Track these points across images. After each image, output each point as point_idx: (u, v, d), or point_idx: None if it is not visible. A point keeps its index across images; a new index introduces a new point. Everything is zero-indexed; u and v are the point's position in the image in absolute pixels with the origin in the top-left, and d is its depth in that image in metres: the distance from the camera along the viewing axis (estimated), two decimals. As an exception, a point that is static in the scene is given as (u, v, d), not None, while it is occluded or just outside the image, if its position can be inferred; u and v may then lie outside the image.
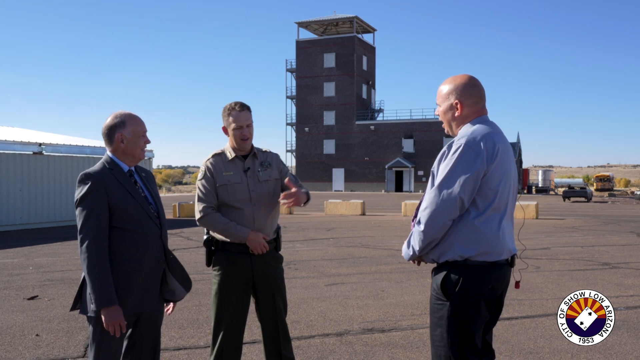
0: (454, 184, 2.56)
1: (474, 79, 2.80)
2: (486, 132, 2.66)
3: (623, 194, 61.34)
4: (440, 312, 2.66)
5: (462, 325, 2.62)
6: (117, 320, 2.77)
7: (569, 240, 13.71)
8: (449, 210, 2.57)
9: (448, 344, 2.63)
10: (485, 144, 2.61)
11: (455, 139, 2.68)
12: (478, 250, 2.60)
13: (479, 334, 2.68)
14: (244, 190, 3.50)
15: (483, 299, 2.64)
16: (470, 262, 2.61)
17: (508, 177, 2.69)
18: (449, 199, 2.56)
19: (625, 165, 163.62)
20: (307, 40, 63.71)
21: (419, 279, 8.23)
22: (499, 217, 2.65)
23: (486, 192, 2.61)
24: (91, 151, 19.11)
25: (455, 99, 2.75)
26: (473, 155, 2.58)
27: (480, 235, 2.60)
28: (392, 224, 18.53)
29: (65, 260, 10.25)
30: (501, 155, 2.64)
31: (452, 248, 2.62)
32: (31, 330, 5.51)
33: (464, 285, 2.60)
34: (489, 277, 2.63)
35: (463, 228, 2.61)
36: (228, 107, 3.52)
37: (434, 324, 2.70)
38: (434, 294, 2.72)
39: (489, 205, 2.61)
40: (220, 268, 3.52)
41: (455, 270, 2.63)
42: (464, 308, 2.62)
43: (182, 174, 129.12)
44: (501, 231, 2.65)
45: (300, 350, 4.79)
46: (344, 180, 61.65)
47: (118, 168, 2.95)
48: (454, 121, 2.79)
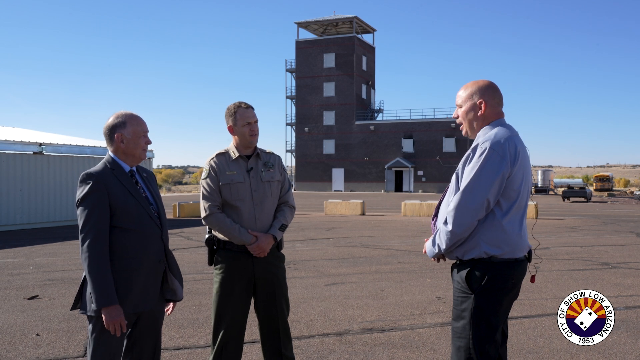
0: (481, 186, 2.67)
1: (495, 84, 2.93)
2: (508, 135, 2.77)
3: (622, 194, 61.34)
4: (464, 304, 2.77)
5: (484, 319, 2.73)
6: (117, 319, 2.78)
7: (569, 240, 13.73)
8: (476, 211, 2.69)
9: (470, 336, 2.73)
10: (509, 147, 2.72)
11: (479, 142, 2.76)
12: (503, 249, 2.73)
13: (500, 328, 2.79)
14: (246, 189, 3.52)
15: (506, 293, 2.77)
16: (496, 259, 2.73)
17: (528, 177, 2.82)
18: (477, 200, 2.67)
19: (625, 165, 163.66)
20: (307, 41, 63.70)
21: (418, 279, 8.24)
22: (520, 216, 2.79)
23: (510, 193, 2.73)
24: (91, 151, 19.12)
25: (480, 98, 2.86)
26: (498, 159, 2.69)
27: (505, 235, 2.73)
28: (391, 224, 18.54)
29: (66, 260, 10.25)
30: (522, 157, 2.77)
31: (478, 247, 2.74)
32: (31, 329, 5.52)
33: (489, 280, 2.73)
34: (513, 272, 2.77)
35: (489, 228, 2.73)
36: (233, 107, 3.55)
37: (456, 316, 2.81)
38: (458, 287, 2.82)
39: (512, 205, 2.74)
40: (221, 267, 3.53)
41: (480, 265, 2.74)
42: (488, 301, 2.73)
43: (182, 174, 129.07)
44: (522, 229, 2.80)
45: (300, 350, 4.80)
46: (344, 180, 61.65)
47: (119, 168, 2.96)
48: (476, 121, 2.88)
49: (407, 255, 10.71)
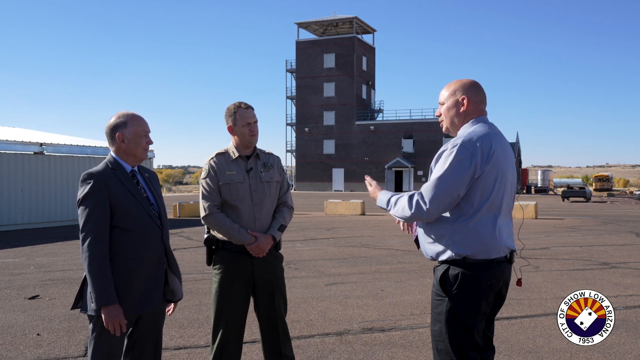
0: (447, 182, 2.62)
1: (478, 82, 2.90)
2: (483, 133, 2.72)
3: (622, 194, 61.34)
4: (439, 307, 2.72)
5: (460, 321, 2.67)
6: (116, 319, 2.78)
7: (568, 240, 13.73)
8: (444, 204, 2.65)
9: (447, 339, 2.68)
10: (482, 145, 2.67)
11: (453, 138, 2.74)
12: (475, 249, 2.66)
13: (479, 329, 2.73)
14: (246, 190, 3.53)
15: (481, 295, 2.69)
16: (469, 260, 2.67)
17: (504, 177, 2.74)
18: (443, 194, 2.63)
19: (624, 165, 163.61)
20: (307, 41, 63.70)
21: (418, 278, 8.25)
22: (494, 215, 2.70)
23: (481, 191, 2.66)
24: (92, 151, 19.12)
25: (463, 94, 2.83)
26: (467, 155, 2.64)
27: (477, 234, 2.66)
28: (391, 224, 18.54)
29: (66, 259, 10.26)
30: (497, 155, 2.70)
31: (450, 247, 2.69)
32: (32, 329, 5.53)
33: (462, 282, 2.67)
34: (487, 274, 2.69)
35: (459, 227, 2.67)
36: (233, 107, 3.56)
37: (433, 319, 2.76)
38: (434, 290, 2.78)
39: (483, 204, 2.67)
40: (220, 267, 3.54)
41: (454, 267, 2.69)
42: (462, 304, 2.67)
43: (183, 174, 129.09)
44: (497, 229, 2.71)
45: (300, 350, 4.81)
46: (344, 180, 61.64)
47: (121, 168, 2.97)
48: (458, 117, 2.84)
49: (407, 255, 10.72)
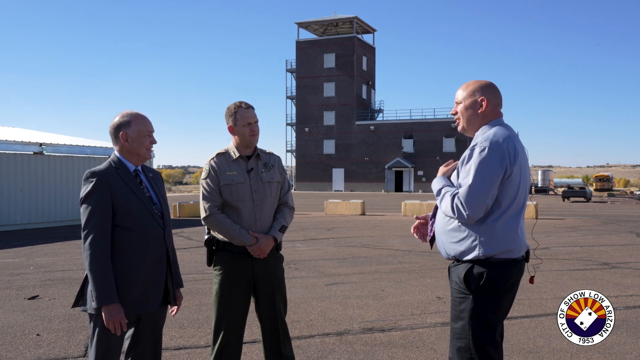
0: (480, 186, 2.64)
1: (496, 85, 2.91)
2: (506, 135, 2.76)
3: (622, 194, 61.31)
4: (462, 304, 2.76)
5: (483, 319, 2.71)
6: (117, 318, 2.78)
7: (569, 240, 13.73)
8: (483, 208, 2.66)
9: (470, 336, 2.71)
10: (508, 147, 2.70)
11: (478, 141, 2.74)
12: (501, 249, 2.71)
13: (499, 329, 2.78)
14: (246, 190, 3.52)
15: (504, 293, 2.75)
16: (493, 259, 2.71)
17: (526, 177, 2.80)
18: (481, 200, 2.65)
19: (625, 165, 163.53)
20: (307, 41, 63.70)
21: (418, 278, 8.25)
22: (517, 216, 2.76)
23: (508, 193, 2.71)
24: (92, 151, 19.09)
25: (482, 95, 2.85)
26: (498, 158, 2.67)
27: (503, 235, 2.71)
28: (392, 223, 18.54)
29: (66, 260, 10.26)
30: (520, 157, 2.75)
31: (476, 248, 2.72)
32: (32, 329, 5.53)
33: (487, 281, 2.71)
34: (511, 272, 2.75)
35: (486, 228, 2.71)
36: (234, 107, 3.55)
37: (455, 317, 2.79)
38: (456, 288, 2.80)
39: (510, 205, 2.72)
40: (221, 268, 3.53)
41: (478, 266, 2.73)
42: (487, 302, 2.72)
43: (183, 174, 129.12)
44: (520, 229, 2.77)
45: (300, 350, 4.81)
46: (344, 180, 61.65)
47: (124, 167, 2.97)
48: (476, 117, 2.86)
49: (407, 255, 10.72)
